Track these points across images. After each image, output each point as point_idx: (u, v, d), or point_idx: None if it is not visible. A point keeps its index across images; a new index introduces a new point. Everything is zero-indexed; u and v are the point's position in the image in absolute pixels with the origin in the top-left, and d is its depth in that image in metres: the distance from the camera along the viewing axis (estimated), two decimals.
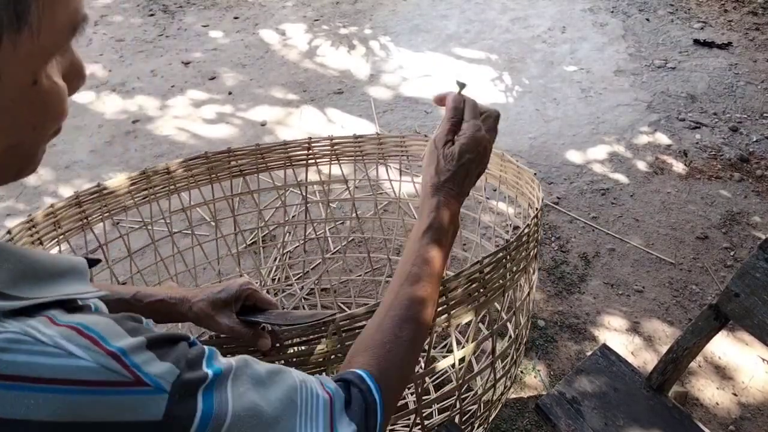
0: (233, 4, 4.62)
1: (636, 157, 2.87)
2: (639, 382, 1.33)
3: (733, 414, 1.79)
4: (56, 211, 1.39)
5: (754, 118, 3.07)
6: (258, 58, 3.90)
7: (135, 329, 0.45)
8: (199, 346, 0.49)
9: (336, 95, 3.49)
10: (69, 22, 0.43)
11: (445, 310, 0.94)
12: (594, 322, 2.08)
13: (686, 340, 1.24)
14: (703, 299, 2.14)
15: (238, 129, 3.25)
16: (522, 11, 4.27)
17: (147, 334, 0.45)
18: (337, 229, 2.25)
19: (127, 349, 0.42)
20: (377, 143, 1.77)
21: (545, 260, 2.33)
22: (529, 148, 2.97)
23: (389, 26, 4.19)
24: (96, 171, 2.99)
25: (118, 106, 3.51)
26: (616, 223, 2.50)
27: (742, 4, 4.10)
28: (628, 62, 3.60)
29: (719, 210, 2.54)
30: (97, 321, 0.43)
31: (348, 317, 0.86)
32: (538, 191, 1.23)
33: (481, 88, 3.48)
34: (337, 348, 0.88)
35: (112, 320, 0.44)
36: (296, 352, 0.87)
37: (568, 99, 3.33)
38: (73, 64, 0.47)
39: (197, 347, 0.49)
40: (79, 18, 0.44)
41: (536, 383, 1.89)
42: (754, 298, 1.11)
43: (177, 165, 1.61)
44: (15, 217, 2.72)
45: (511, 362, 1.26)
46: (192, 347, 0.48)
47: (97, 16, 4.56)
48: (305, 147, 1.76)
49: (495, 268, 1.00)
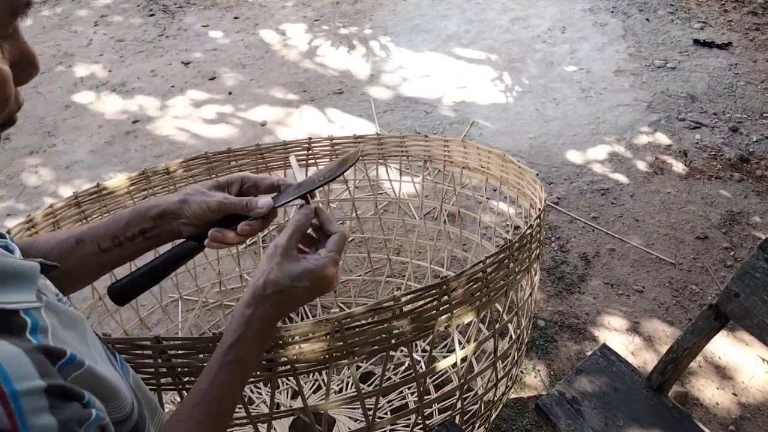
0: (233, 4, 4.62)
1: (636, 157, 2.87)
2: (639, 382, 1.33)
3: (733, 414, 1.79)
4: (55, 212, 1.39)
5: (754, 118, 3.07)
6: (258, 58, 3.90)
7: (46, 371, 0.42)
8: (88, 411, 0.45)
9: (336, 95, 3.49)
10: (8, 5, 0.43)
11: (447, 309, 0.94)
12: (594, 322, 2.08)
13: (686, 340, 1.24)
14: (703, 299, 2.14)
15: (238, 129, 3.25)
16: (522, 11, 4.27)
17: (54, 380, 0.42)
18: None
19: (23, 392, 0.39)
20: (377, 143, 1.77)
21: (545, 260, 2.33)
22: (529, 148, 2.97)
23: (389, 26, 4.19)
24: (96, 171, 2.99)
25: (118, 106, 3.51)
26: (616, 223, 2.50)
27: (742, 4, 4.10)
28: (628, 62, 3.60)
29: (719, 210, 2.54)
30: (6, 355, 0.40)
31: (347, 316, 0.86)
32: (540, 191, 1.23)
33: (481, 88, 3.48)
34: (338, 346, 0.88)
35: (28, 355, 0.41)
36: (298, 350, 0.87)
37: (568, 99, 3.33)
38: (23, 53, 0.47)
39: (86, 411, 0.45)
40: (20, 2, 0.43)
41: (536, 383, 1.89)
42: (754, 298, 1.11)
43: (177, 165, 1.61)
44: (15, 217, 2.72)
45: (513, 362, 1.27)
46: (84, 408, 0.45)
47: (97, 16, 4.56)
48: (305, 147, 1.76)
49: (498, 268, 1.00)
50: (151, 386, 0.87)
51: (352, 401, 0.98)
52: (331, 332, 0.86)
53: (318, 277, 0.68)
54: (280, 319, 0.70)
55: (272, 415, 0.93)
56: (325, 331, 0.86)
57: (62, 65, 3.95)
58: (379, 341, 0.91)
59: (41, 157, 3.13)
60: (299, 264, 0.68)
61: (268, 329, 0.69)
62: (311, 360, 0.88)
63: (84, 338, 0.53)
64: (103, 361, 0.54)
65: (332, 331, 0.86)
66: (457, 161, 1.68)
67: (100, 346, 0.56)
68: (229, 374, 0.66)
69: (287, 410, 0.96)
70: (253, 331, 0.67)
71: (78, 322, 0.54)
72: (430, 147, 1.73)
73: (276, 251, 0.69)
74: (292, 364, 0.88)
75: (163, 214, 0.74)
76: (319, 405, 0.96)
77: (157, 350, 0.84)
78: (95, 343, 0.55)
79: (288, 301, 0.69)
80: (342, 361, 0.90)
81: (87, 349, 0.52)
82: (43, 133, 3.30)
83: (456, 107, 3.33)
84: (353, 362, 0.91)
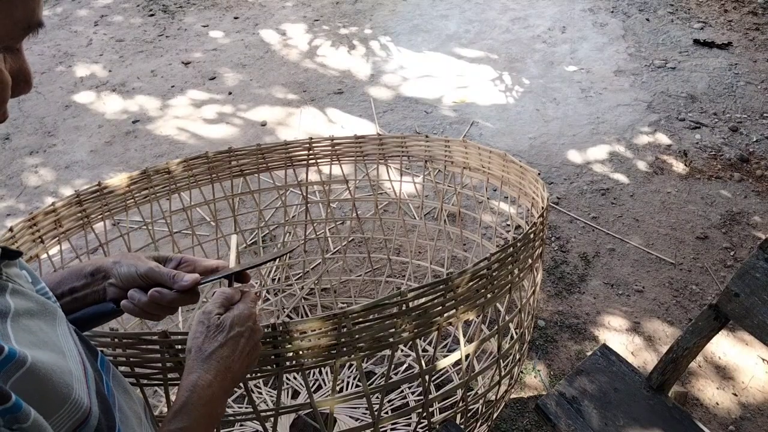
0: (233, 4, 4.62)
1: (636, 157, 2.87)
2: (639, 382, 1.33)
3: (733, 414, 1.79)
4: (57, 210, 1.39)
5: (754, 118, 3.07)
6: (258, 58, 3.90)
7: None
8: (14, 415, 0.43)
9: (336, 95, 3.49)
10: (25, 19, 0.45)
11: (452, 305, 0.95)
12: (594, 322, 2.08)
13: (686, 340, 1.24)
14: (703, 299, 2.15)
15: (238, 129, 3.25)
16: (522, 11, 4.27)
17: None
18: (337, 229, 2.25)
19: None
20: (378, 144, 1.77)
21: (545, 260, 2.33)
22: (529, 148, 2.97)
23: (389, 26, 4.20)
24: (96, 171, 2.99)
25: (118, 106, 3.51)
26: (616, 223, 2.50)
27: (742, 4, 4.11)
28: (628, 62, 3.60)
29: (719, 210, 2.54)
30: None
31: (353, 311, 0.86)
32: (543, 191, 1.23)
33: (481, 88, 3.48)
34: (344, 341, 0.88)
35: None
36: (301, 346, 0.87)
37: (568, 99, 3.33)
38: (21, 71, 0.49)
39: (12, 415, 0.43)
40: (35, 19, 0.46)
41: (536, 383, 1.90)
42: (754, 298, 1.11)
43: (177, 165, 1.61)
44: (15, 216, 2.72)
45: (514, 361, 1.27)
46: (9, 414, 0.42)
47: (97, 16, 4.56)
48: (306, 147, 1.76)
49: (502, 265, 1.00)
50: (158, 381, 0.88)
51: (357, 398, 0.98)
52: (337, 326, 0.86)
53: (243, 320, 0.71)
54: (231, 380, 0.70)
55: (278, 411, 0.93)
56: (331, 326, 0.86)
57: (62, 65, 3.95)
58: (385, 336, 0.91)
59: (41, 157, 3.13)
60: (224, 317, 0.71)
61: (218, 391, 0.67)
62: (317, 355, 0.88)
63: (53, 329, 0.53)
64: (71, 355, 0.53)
65: (338, 326, 0.86)
66: (457, 161, 1.68)
67: (72, 342, 0.55)
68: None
69: (294, 405, 0.96)
70: (200, 396, 0.65)
71: (49, 313, 0.54)
72: (431, 147, 1.73)
73: (203, 316, 0.71)
74: (297, 359, 0.88)
75: (95, 272, 0.76)
76: (325, 401, 0.96)
77: (164, 345, 0.85)
78: (66, 338, 0.55)
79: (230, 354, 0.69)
80: (347, 357, 0.90)
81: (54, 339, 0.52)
82: (43, 133, 3.30)
83: (456, 107, 3.33)
84: (359, 357, 0.91)
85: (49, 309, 0.55)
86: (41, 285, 0.60)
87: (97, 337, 0.85)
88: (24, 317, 0.50)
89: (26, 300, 0.52)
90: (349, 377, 1.86)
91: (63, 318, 0.57)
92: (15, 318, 0.49)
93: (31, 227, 1.32)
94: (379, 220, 2.03)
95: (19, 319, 0.49)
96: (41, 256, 1.34)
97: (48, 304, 0.55)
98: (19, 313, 0.49)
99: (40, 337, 0.50)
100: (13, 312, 0.49)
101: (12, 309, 0.49)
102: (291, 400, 1.80)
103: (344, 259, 2.18)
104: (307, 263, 2.20)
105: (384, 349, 0.93)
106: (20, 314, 0.50)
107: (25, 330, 0.49)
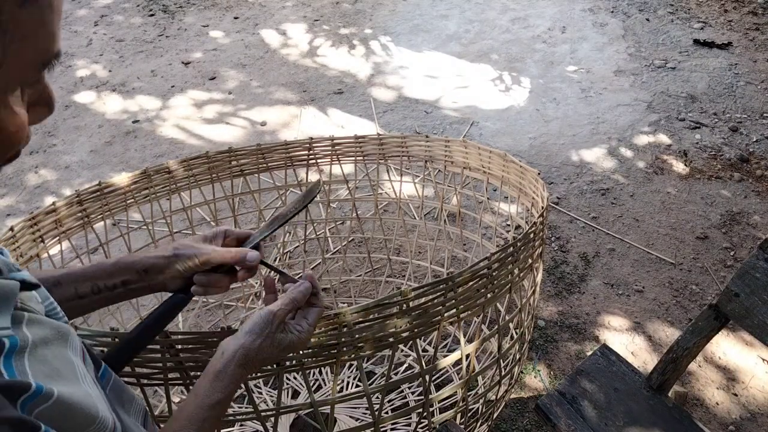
0: (233, 4, 4.62)
1: (636, 157, 2.87)
2: (639, 382, 1.33)
3: (733, 414, 1.79)
4: (58, 209, 1.39)
5: (754, 118, 3.07)
6: (258, 58, 3.90)
7: None
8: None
9: (336, 95, 3.49)
10: (39, 59, 0.43)
11: (453, 304, 0.95)
12: (594, 322, 2.08)
13: (686, 340, 1.24)
14: (703, 299, 2.15)
15: (238, 129, 3.25)
16: (522, 11, 4.27)
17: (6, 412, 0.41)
18: (337, 229, 2.25)
19: None
20: (378, 144, 1.77)
21: (545, 260, 2.33)
22: (529, 148, 2.97)
23: (389, 26, 4.20)
24: (96, 171, 2.99)
25: (118, 106, 3.51)
26: (616, 223, 2.51)
27: (742, 4, 4.11)
28: (628, 62, 3.60)
29: (719, 210, 2.54)
30: None
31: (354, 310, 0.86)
32: (543, 190, 1.23)
33: (481, 88, 3.48)
34: (345, 340, 0.88)
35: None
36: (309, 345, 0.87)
37: (568, 99, 3.33)
38: (43, 96, 0.47)
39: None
40: (50, 56, 0.44)
41: (536, 383, 1.90)
42: (754, 298, 1.11)
43: (178, 164, 1.61)
44: (15, 216, 2.72)
45: (515, 360, 1.27)
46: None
47: (97, 16, 4.56)
48: (306, 147, 1.76)
49: (503, 265, 1.00)
50: (158, 381, 0.88)
51: (357, 398, 0.98)
52: (337, 326, 0.86)
53: (296, 347, 0.74)
54: None
55: (279, 411, 0.93)
56: (331, 326, 0.86)
57: (62, 65, 3.95)
58: (385, 336, 0.91)
59: (41, 157, 3.13)
60: (287, 337, 0.73)
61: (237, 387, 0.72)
62: (317, 355, 0.88)
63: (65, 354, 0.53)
64: (85, 378, 0.53)
65: (339, 326, 0.86)
66: (458, 161, 1.68)
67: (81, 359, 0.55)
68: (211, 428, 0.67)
69: (296, 405, 0.96)
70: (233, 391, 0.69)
71: (62, 336, 0.54)
72: (431, 147, 1.73)
73: (272, 320, 0.72)
74: (298, 359, 0.88)
75: (149, 269, 0.76)
76: (326, 400, 0.96)
77: (165, 345, 0.85)
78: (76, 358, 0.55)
79: (265, 364, 0.73)
80: (347, 357, 0.90)
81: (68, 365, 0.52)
82: (43, 133, 3.30)
83: (456, 107, 3.33)
84: (360, 356, 0.91)
85: (62, 332, 0.54)
86: (50, 301, 0.59)
87: (98, 337, 0.84)
88: (40, 347, 0.50)
89: (41, 328, 0.52)
90: (350, 377, 1.86)
91: (74, 336, 0.56)
92: (32, 350, 0.48)
93: (32, 227, 1.32)
94: (379, 220, 2.03)
95: (36, 350, 0.49)
96: (42, 255, 1.34)
97: (61, 327, 0.55)
98: (36, 344, 0.49)
99: (55, 365, 0.50)
100: (30, 345, 0.48)
101: (30, 342, 0.48)
102: (291, 400, 1.80)
103: (344, 259, 2.18)
104: (307, 263, 2.20)
105: (384, 349, 0.93)
106: (37, 345, 0.49)
107: (42, 361, 0.49)
